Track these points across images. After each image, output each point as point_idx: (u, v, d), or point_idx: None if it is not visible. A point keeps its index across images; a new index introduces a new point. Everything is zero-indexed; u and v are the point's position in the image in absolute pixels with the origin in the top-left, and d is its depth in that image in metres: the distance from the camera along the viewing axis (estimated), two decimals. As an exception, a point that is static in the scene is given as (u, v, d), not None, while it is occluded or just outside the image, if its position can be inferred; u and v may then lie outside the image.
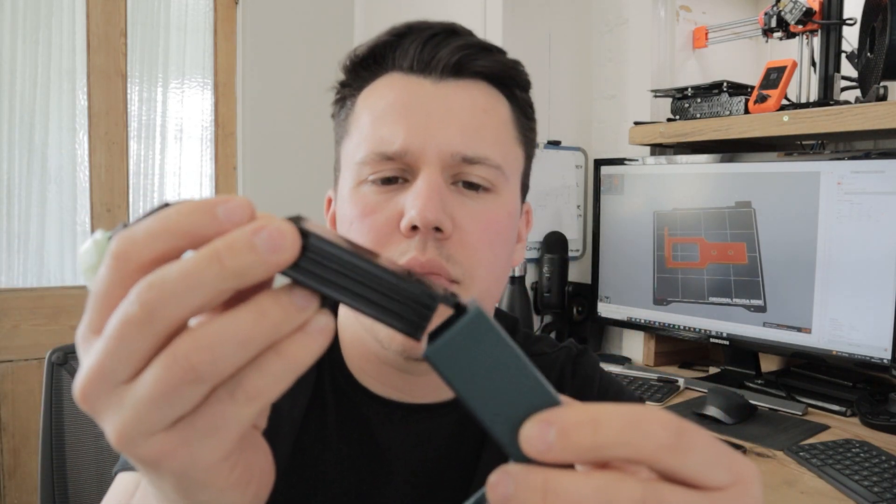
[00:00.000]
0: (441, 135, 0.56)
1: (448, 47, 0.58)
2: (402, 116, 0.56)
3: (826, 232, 1.38)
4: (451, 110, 0.57)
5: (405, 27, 0.60)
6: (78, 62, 2.15)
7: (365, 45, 0.61)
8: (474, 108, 0.58)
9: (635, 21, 1.87)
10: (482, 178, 0.57)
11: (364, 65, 0.61)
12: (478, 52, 0.59)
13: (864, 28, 1.44)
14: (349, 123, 0.61)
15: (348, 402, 0.64)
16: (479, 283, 0.57)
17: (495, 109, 0.60)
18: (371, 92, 0.60)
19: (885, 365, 1.30)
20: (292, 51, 2.42)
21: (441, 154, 0.55)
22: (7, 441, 2.08)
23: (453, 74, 0.58)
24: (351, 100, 0.62)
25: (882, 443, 1.19)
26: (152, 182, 2.29)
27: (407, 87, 0.58)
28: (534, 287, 1.86)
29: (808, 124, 1.40)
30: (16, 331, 2.09)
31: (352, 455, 0.63)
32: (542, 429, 0.25)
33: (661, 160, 1.72)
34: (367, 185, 0.57)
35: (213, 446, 0.27)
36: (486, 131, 0.58)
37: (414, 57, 0.58)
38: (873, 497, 0.98)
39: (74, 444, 1.02)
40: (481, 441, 0.66)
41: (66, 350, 1.04)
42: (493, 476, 0.26)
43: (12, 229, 2.10)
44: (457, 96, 0.58)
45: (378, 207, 0.56)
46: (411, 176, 0.56)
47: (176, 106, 2.31)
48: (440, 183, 0.55)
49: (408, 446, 0.63)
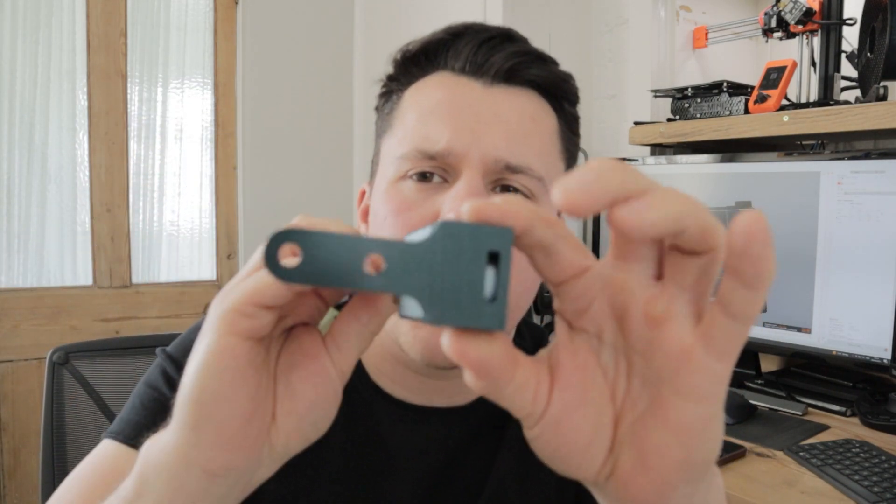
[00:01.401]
0: (487, 139, 0.54)
1: (502, 52, 0.57)
2: (450, 116, 0.55)
3: (826, 232, 1.38)
4: (499, 115, 0.56)
5: (462, 27, 0.59)
6: (78, 62, 2.15)
7: (418, 41, 0.60)
8: (522, 116, 0.57)
9: (635, 21, 1.87)
10: (524, 186, 0.56)
11: (415, 60, 0.60)
12: (532, 61, 0.58)
13: (864, 28, 1.44)
14: (393, 118, 0.60)
15: (358, 398, 0.63)
16: (510, 293, 0.56)
17: (543, 120, 0.59)
18: (419, 89, 0.59)
19: (885, 365, 1.30)
20: (292, 51, 2.42)
21: (485, 158, 0.54)
22: (7, 441, 2.08)
23: (505, 80, 0.57)
24: (398, 94, 0.61)
25: (882, 443, 1.19)
26: (152, 182, 2.29)
27: (457, 87, 0.57)
28: (534, 287, 1.86)
29: (808, 124, 1.40)
30: (16, 331, 2.09)
31: (356, 452, 0.62)
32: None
33: (661, 160, 1.72)
34: (407, 180, 0.56)
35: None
36: (531, 140, 0.57)
37: (467, 58, 0.57)
38: (873, 497, 0.98)
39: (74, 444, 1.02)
40: (495, 450, 0.65)
41: (67, 350, 1.04)
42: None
43: (12, 229, 2.10)
44: (506, 102, 0.57)
45: (415, 205, 0.55)
46: (452, 177, 0.55)
47: (176, 106, 2.31)
48: (480, 187, 0.54)
49: (416, 449, 0.63)
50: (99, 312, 2.20)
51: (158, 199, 2.30)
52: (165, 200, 2.31)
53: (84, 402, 1.03)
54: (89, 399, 1.03)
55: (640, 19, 1.85)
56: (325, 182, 2.51)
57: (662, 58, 1.85)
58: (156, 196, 2.30)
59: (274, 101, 2.40)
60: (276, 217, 2.40)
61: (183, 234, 2.35)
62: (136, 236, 2.26)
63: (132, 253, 2.25)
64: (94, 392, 1.04)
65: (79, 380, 1.03)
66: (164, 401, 0.59)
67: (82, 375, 1.03)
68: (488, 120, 0.55)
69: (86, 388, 1.03)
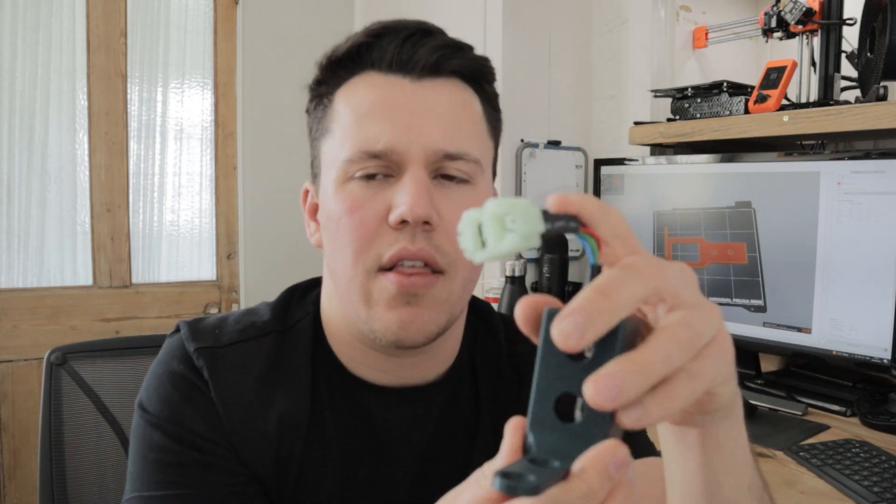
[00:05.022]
0: (424, 133, 0.58)
1: (425, 47, 0.60)
2: (386, 116, 0.59)
3: (826, 232, 1.37)
4: (431, 109, 0.60)
5: (380, 27, 0.62)
6: (78, 62, 2.15)
7: (343, 45, 0.63)
8: (452, 106, 0.61)
9: (635, 21, 1.87)
10: (462, 171, 0.61)
11: (342, 64, 0.63)
12: (453, 52, 0.62)
13: (864, 28, 1.44)
14: (329, 121, 0.63)
15: (342, 393, 0.66)
16: (462, 270, 0.61)
17: (470, 105, 0.63)
18: (349, 90, 0.62)
19: (885, 365, 1.30)
20: (292, 51, 2.42)
21: (425, 151, 0.58)
22: (7, 441, 2.08)
23: (430, 73, 0.61)
24: (328, 97, 0.64)
25: (882, 443, 1.19)
26: (152, 182, 2.29)
27: (387, 86, 0.60)
28: (534, 287, 1.86)
29: (808, 124, 1.40)
30: (16, 331, 2.09)
31: (354, 445, 0.65)
32: (570, 321, 0.29)
33: (661, 160, 1.72)
34: (354, 181, 0.60)
35: None
36: (464, 127, 0.61)
37: (392, 57, 0.60)
38: (873, 497, 0.98)
39: (74, 444, 1.02)
40: (476, 418, 0.69)
41: (66, 350, 1.03)
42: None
43: (12, 229, 2.10)
44: (435, 95, 0.60)
45: (365, 202, 0.59)
46: (396, 172, 0.59)
47: (176, 106, 2.31)
48: (426, 179, 0.58)
49: (406, 428, 0.66)
50: (99, 312, 2.20)
51: (158, 199, 2.30)
52: (165, 200, 2.31)
53: (82, 402, 1.03)
54: (87, 400, 1.03)
55: (640, 19, 1.85)
56: (325, 182, 2.51)
57: (662, 58, 1.85)
58: (156, 196, 2.30)
59: (274, 101, 2.39)
60: (277, 217, 2.41)
61: (183, 234, 2.35)
62: (136, 236, 2.26)
63: (132, 253, 2.25)
64: (92, 393, 1.03)
65: (77, 380, 1.03)
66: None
67: (80, 376, 1.03)
68: (422, 114, 0.59)
69: (84, 389, 1.03)
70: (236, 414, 0.62)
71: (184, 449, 0.60)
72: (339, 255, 0.60)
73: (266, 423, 0.62)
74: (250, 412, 0.62)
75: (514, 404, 0.70)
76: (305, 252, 2.51)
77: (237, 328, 0.66)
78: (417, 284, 0.57)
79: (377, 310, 0.59)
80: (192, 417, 0.61)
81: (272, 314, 0.68)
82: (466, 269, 0.61)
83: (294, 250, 2.45)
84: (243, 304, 2.39)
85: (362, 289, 0.59)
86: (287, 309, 0.69)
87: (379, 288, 0.58)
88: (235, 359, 0.64)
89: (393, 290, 0.57)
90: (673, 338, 0.30)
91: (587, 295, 0.29)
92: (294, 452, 0.63)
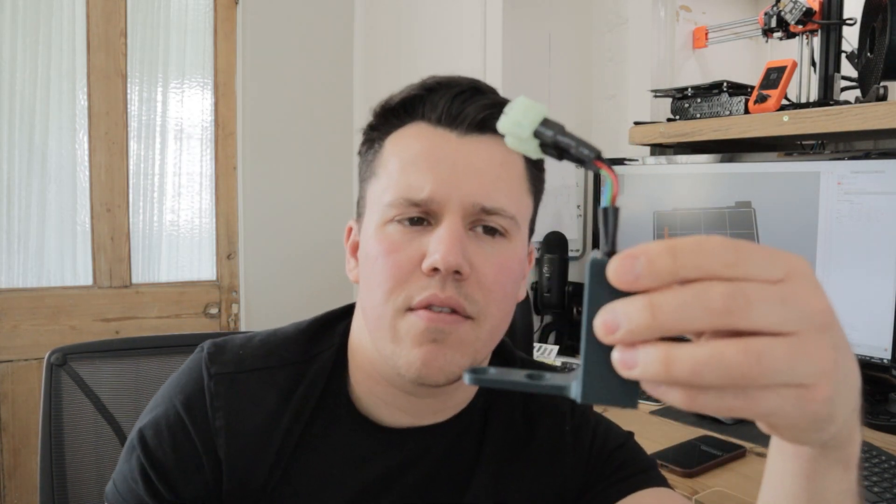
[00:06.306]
0: (464, 186, 0.61)
1: (474, 105, 0.63)
2: (430, 167, 0.62)
3: (826, 232, 1.37)
4: (473, 164, 0.62)
5: (435, 82, 0.65)
6: (78, 62, 2.15)
7: (398, 96, 0.67)
8: (493, 163, 0.63)
9: (635, 21, 1.87)
10: (498, 225, 0.63)
11: (395, 113, 0.66)
12: (500, 112, 0.63)
13: (864, 28, 1.44)
14: (377, 165, 0.66)
15: (342, 431, 0.68)
16: (491, 319, 0.62)
17: (512, 164, 0.65)
18: (399, 138, 0.65)
19: (885, 365, 1.30)
20: (292, 51, 2.42)
21: (463, 203, 0.61)
22: (7, 441, 2.08)
23: (477, 130, 0.64)
24: (379, 142, 0.67)
25: (882, 443, 1.19)
26: (152, 182, 2.29)
27: (434, 138, 0.64)
28: (534, 287, 1.86)
29: (808, 124, 1.40)
30: (16, 331, 2.09)
31: (343, 479, 0.66)
32: (630, 262, 0.30)
33: (661, 160, 1.72)
34: (394, 224, 0.62)
35: None
36: (503, 184, 0.64)
37: (442, 111, 0.64)
38: (873, 497, 0.98)
39: (74, 444, 1.02)
40: (473, 465, 0.70)
41: (65, 351, 1.03)
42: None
43: (12, 229, 2.10)
44: (479, 151, 0.63)
45: (402, 246, 0.61)
46: (434, 220, 0.62)
47: (176, 106, 2.31)
48: (461, 230, 0.61)
49: (398, 470, 0.68)
50: (99, 312, 2.20)
51: (158, 198, 2.30)
52: (165, 200, 2.31)
53: (82, 403, 1.03)
54: (87, 400, 1.03)
55: (640, 19, 1.85)
56: (325, 182, 2.51)
57: (662, 58, 1.85)
58: (156, 196, 2.30)
59: (274, 101, 2.40)
60: (277, 217, 2.41)
61: (183, 234, 2.35)
62: (135, 236, 2.26)
63: (132, 253, 2.25)
64: (91, 393, 1.04)
65: (77, 381, 1.03)
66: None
67: (80, 377, 1.03)
68: (464, 169, 0.62)
69: (84, 390, 1.03)
70: (240, 442, 0.65)
71: (158, 488, 0.64)
72: (372, 293, 0.63)
73: (266, 453, 0.65)
74: (253, 443, 0.65)
75: (521, 452, 0.71)
76: (305, 252, 2.52)
77: (262, 352, 0.69)
78: (446, 321, 0.59)
79: (403, 346, 0.61)
80: (174, 469, 0.64)
81: (296, 343, 0.70)
82: (496, 319, 0.63)
83: (294, 250, 2.45)
84: (243, 304, 2.40)
85: (391, 326, 0.61)
86: (314, 337, 0.71)
87: (407, 325, 0.60)
88: (253, 387, 0.67)
89: (421, 325, 0.59)
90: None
91: (657, 248, 0.30)
92: (282, 484, 0.65)
